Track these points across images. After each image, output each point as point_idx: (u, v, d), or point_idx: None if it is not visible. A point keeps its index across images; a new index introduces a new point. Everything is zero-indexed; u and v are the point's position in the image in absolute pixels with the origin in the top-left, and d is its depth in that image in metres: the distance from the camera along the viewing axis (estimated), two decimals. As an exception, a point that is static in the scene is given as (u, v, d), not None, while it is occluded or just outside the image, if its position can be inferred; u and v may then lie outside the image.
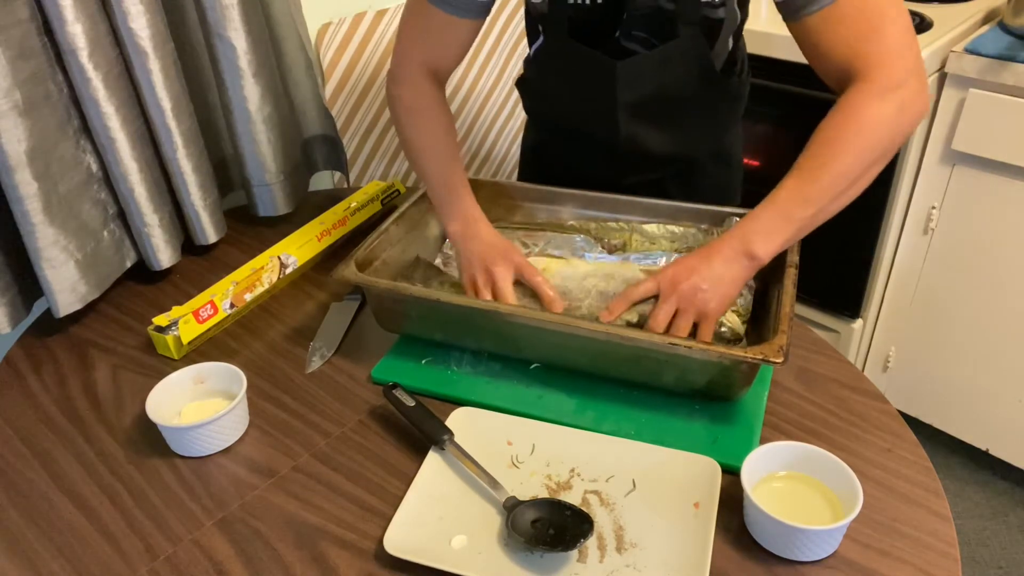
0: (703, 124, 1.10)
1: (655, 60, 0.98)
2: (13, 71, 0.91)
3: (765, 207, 0.83)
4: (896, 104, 0.80)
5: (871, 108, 0.80)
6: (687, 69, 0.99)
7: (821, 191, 0.81)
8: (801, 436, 0.83)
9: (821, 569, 0.70)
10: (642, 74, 0.99)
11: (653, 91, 1.01)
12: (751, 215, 0.84)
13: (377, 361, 0.96)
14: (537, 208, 1.10)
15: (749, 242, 0.82)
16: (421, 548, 0.71)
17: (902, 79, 0.80)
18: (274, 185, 1.26)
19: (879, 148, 0.80)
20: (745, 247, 0.82)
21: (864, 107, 0.80)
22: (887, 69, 0.80)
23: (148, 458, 0.85)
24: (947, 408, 1.80)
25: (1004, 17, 1.53)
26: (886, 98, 0.80)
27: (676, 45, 0.96)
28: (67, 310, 1.03)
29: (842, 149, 0.80)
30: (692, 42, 0.96)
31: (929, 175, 1.60)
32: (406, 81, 1.02)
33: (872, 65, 0.80)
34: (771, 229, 0.82)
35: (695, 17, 0.94)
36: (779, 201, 0.82)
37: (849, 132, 0.80)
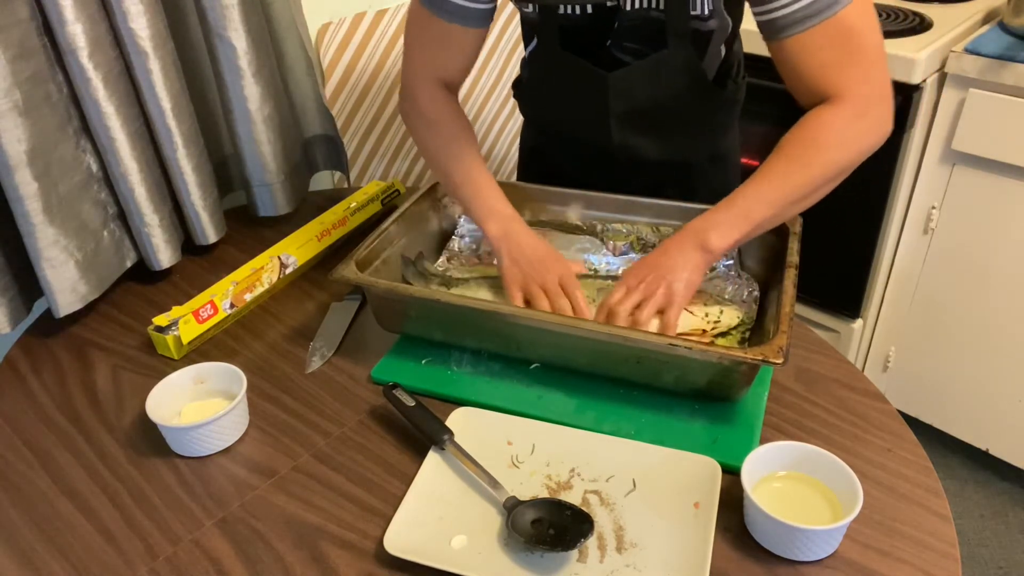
0: (698, 131, 1.11)
1: (646, 70, 0.98)
2: (13, 71, 0.91)
3: (727, 203, 0.87)
4: (864, 127, 0.85)
5: (840, 127, 0.84)
6: (678, 79, 0.99)
7: (782, 196, 0.85)
8: (801, 436, 0.83)
9: (821, 569, 0.70)
10: (633, 85, 1.00)
11: (645, 101, 1.01)
12: (712, 209, 0.88)
13: (377, 361, 0.96)
14: (543, 208, 1.10)
15: (706, 235, 0.86)
16: (421, 548, 0.71)
17: (872, 105, 0.85)
18: (274, 185, 1.26)
19: (842, 164, 0.85)
20: (701, 239, 0.86)
21: (834, 126, 0.84)
22: (859, 96, 0.84)
23: (148, 458, 0.85)
24: (947, 408, 1.80)
25: (1004, 17, 1.53)
26: (855, 121, 0.84)
27: (666, 56, 0.97)
28: (67, 310, 1.03)
29: (809, 161, 0.84)
30: (682, 52, 0.96)
31: (929, 175, 1.60)
32: (420, 95, 1.02)
33: (845, 91, 0.84)
34: (729, 225, 0.86)
35: (684, 28, 0.94)
36: (741, 200, 0.87)
37: (817, 146, 0.84)
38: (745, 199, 0.86)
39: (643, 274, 0.88)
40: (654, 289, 0.86)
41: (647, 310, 0.86)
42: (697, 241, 0.86)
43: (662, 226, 1.04)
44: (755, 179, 0.86)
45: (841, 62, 0.83)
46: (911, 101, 1.49)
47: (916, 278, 1.71)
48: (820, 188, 0.86)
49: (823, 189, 0.86)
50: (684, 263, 0.86)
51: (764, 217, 0.85)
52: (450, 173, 1.01)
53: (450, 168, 1.01)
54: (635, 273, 0.89)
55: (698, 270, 0.87)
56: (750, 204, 0.86)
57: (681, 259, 0.87)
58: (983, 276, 1.61)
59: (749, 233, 0.86)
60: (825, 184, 0.86)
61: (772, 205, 0.85)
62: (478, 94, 1.80)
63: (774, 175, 0.85)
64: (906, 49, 1.46)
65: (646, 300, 0.86)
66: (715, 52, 1.01)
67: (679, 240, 0.88)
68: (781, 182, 0.85)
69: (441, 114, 1.02)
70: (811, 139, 0.85)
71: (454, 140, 1.02)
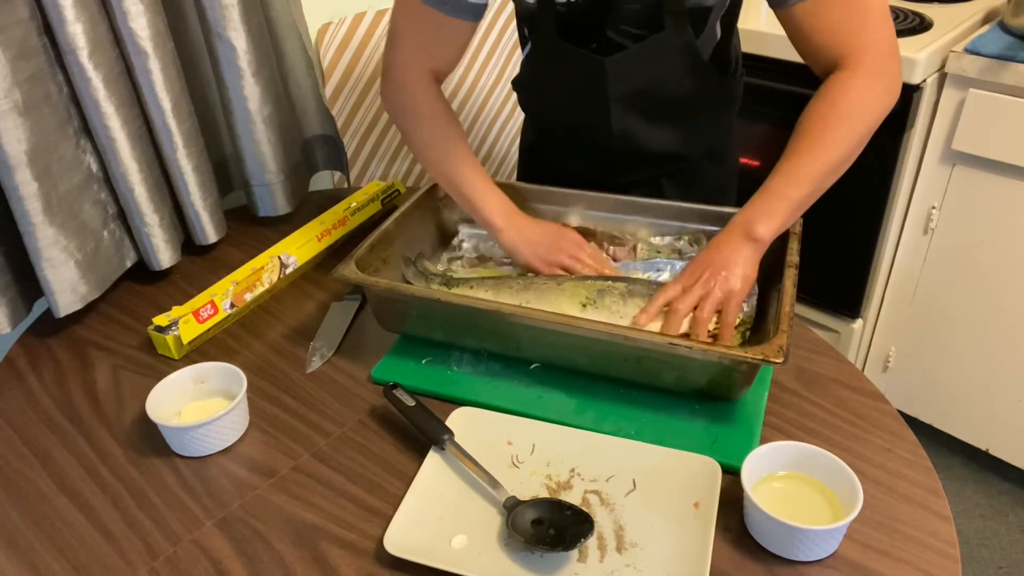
0: (696, 121, 1.11)
1: (643, 53, 0.99)
2: (13, 71, 0.91)
3: (764, 190, 0.88)
4: (880, 88, 0.86)
5: (857, 92, 0.86)
6: (676, 61, 1.00)
7: (814, 171, 0.86)
8: (801, 436, 0.83)
9: (821, 569, 0.70)
10: (631, 68, 1.00)
11: (644, 85, 1.02)
12: (751, 200, 0.89)
13: (377, 361, 0.96)
14: (543, 209, 1.10)
15: (751, 226, 0.87)
16: (421, 548, 0.71)
17: (884, 65, 0.87)
18: (274, 185, 1.26)
19: (864, 128, 0.86)
20: (747, 231, 0.87)
21: (850, 91, 0.86)
22: (871, 56, 0.86)
23: (148, 458, 0.85)
24: (947, 408, 1.80)
25: (1004, 17, 1.53)
26: (870, 83, 0.86)
27: (663, 37, 0.97)
28: (67, 310, 1.03)
29: (832, 131, 0.85)
30: (679, 33, 0.97)
31: (929, 175, 1.60)
32: (415, 88, 1.02)
33: (857, 53, 0.86)
34: (770, 211, 0.86)
35: (681, 8, 0.95)
36: (775, 183, 0.87)
37: (838, 114, 0.85)
38: (780, 183, 0.86)
39: (698, 272, 0.88)
40: (711, 286, 0.86)
41: (707, 308, 0.85)
42: (744, 233, 0.87)
43: (662, 231, 1.04)
44: (785, 160, 0.87)
45: (849, 23, 0.85)
46: (911, 101, 1.49)
47: (916, 278, 1.71)
48: (849, 156, 0.86)
49: (852, 156, 0.87)
50: (736, 258, 0.86)
51: (802, 196, 0.86)
52: (448, 172, 1.02)
53: (447, 166, 1.02)
54: (691, 272, 0.88)
55: (750, 263, 0.87)
56: (786, 187, 0.86)
57: (733, 254, 0.87)
58: (983, 276, 1.61)
59: (792, 215, 0.87)
60: (853, 152, 0.86)
61: (808, 183, 0.85)
62: (477, 94, 1.80)
63: (803, 153, 0.86)
64: (906, 49, 1.46)
65: (704, 298, 0.86)
66: (711, 32, 1.01)
67: (727, 235, 0.88)
68: (811, 158, 0.85)
69: (439, 111, 1.03)
70: (832, 111, 0.86)
71: (452, 139, 1.02)
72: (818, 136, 0.86)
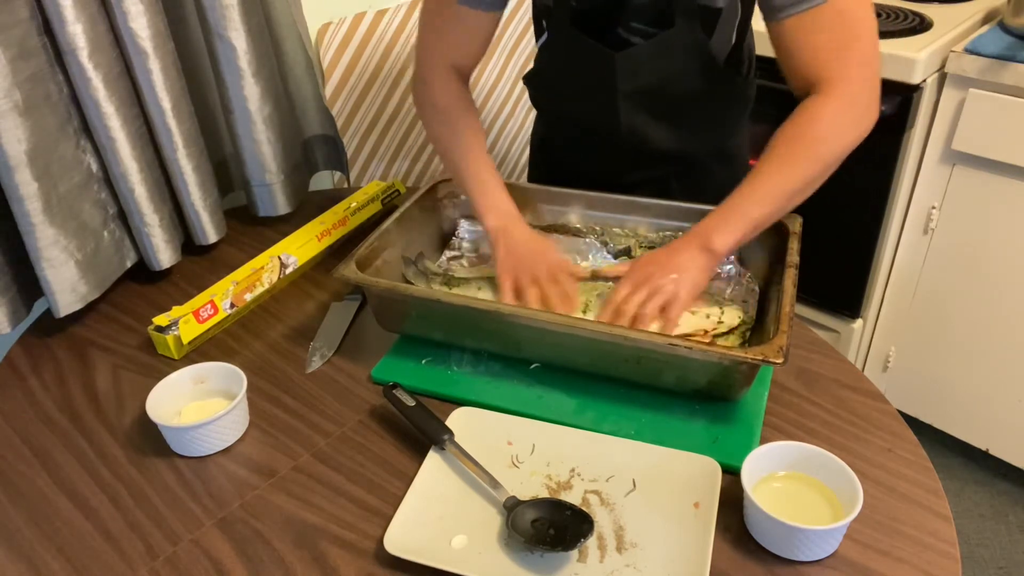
0: (706, 122, 1.11)
1: (653, 50, 0.99)
2: (13, 71, 0.91)
3: (726, 205, 0.89)
4: (853, 117, 0.86)
5: (830, 119, 0.86)
6: (686, 60, 1.00)
7: (778, 193, 0.87)
8: (801, 436, 0.83)
9: (821, 569, 0.70)
10: (641, 64, 1.00)
11: (653, 82, 1.02)
12: (713, 211, 0.89)
13: (377, 361, 0.96)
14: (544, 209, 1.10)
15: (709, 237, 0.87)
16: (421, 548, 0.71)
17: (861, 94, 0.87)
18: (274, 185, 1.26)
19: (832, 156, 0.86)
20: (705, 242, 0.88)
21: (824, 117, 0.86)
22: (850, 84, 0.86)
23: (148, 458, 0.85)
24: (947, 408, 1.80)
25: (1004, 17, 1.53)
26: (844, 111, 0.86)
27: (673, 34, 0.97)
28: (67, 310, 1.03)
29: (802, 155, 0.86)
30: (689, 31, 0.97)
31: (929, 175, 1.60)
32: (434, 82, 1.04)
33: (836, 78, 0.86)
34: (729, 225, 0.87)
35: (692, 6, 0.95)
36: (738, 199, 0.88)
37: (808, 139, 0.86)
38: (742, 199, 0.88)
39: (649, 271, 0.88)
40: (659, 286, 0.87)
41: (651, 305, 0.86)
42: (701, 243, 0.88)
43: (663, 230, 1.04)
44: (750, 179, 0.88)
45: (834, 47, 0.85)
46: (911, 101, 1.49)
47: (916, 278, 1.71)
48: (814, 181, 0.87)
49: (817, 181, 0.87)
50: (690, 264, 0.87)
51: (762, 215, 0.87)
52: (459, 167, 1.03)
53: (459, 162, 1.03)
54: (641, 269, 0.89)
55: (703, 271, 0.88)
56: (747, 204, 0.87)
57: (688, 260, 0.88)
58: (983, 276, 1.61)
59: (749, 232, 0.88)
60: (819, 177, 0.87)
61: (769, 203, 0.87)
62: (479, 92, 1.80)
63: (769, 173, 0.87)
64: (906, 49, 1.46)
65: (651, 296, 0.87)
66: (724, 36, 1.01)
67: (685, 242, 0.89)
68: (776, 180, 0.87)
69: (453, 104, 1.04)
70: (801, 134, 0.86)
71: (464, 133, 1.03)
72: (785, 158, 0.86)
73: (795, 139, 0.87)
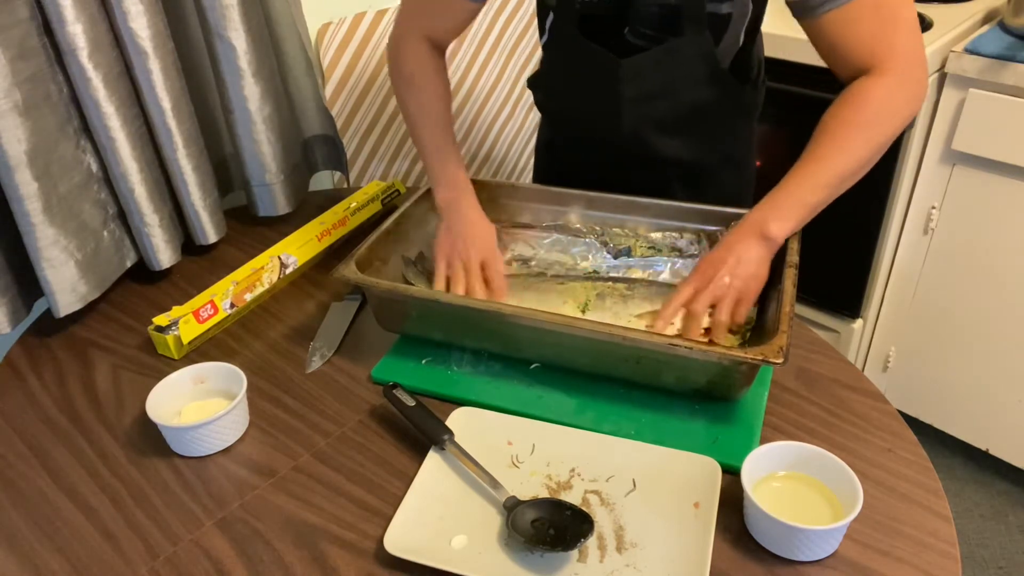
0: (713, 129, 1.09)
1: (659, 57, 0.98)
2: (13, 71, 0.91)
3: (780, 190, 0.87)
4: (904, 95, 0.86)
5: (881, 98, 0.85)
6: (693, 68, 0.99)
7: (832, 176, 0.85)
8: (801, 436, 0.83)
9: (821, 569, 0.70)
10: (646, 71, 0.99)
11: (658, 89, 1.01)
12: (766, 198, 0.88)
13: (377, 361, 0.96)
14: (543, 209, 1.10)
15: (765, 225, 0.86)
16: (421, 548, 0.71)
17: (910, 73, 0.86)
18: (274, 185, 1.26)
19: (885, 136, 0.85)
20: (761, 230, 0.86)
21: (874, 97, 0.85)
22: (898, 64, 0.85)
23: (148, 458, 0.85)
24: (947, 408, 1.80)
25: (1004, 17, 1.53)
26: (895, 90, 0.85)
27: (680, 43, 0.96)
28: (67, 310, 1.03)
29: (853, 136, 0.85)
30: (697, 39, 0.96)
31: (929, 175, 1.60)
32: (406, 48, 1.05)
33: (885, 61, 0.85)
34: (785, 211, 0.86)
35: (700, 14, 0.94)
36: (792, 185, 0.86)
37: (861, 119, 0.85)
38: (799, 184, 0.86)
39: (710, 272, 0.86)
40: (726, 287, 0.85)
41: (724, 309, 0.85)
42: (758, 232, 0.86)
43: (663, 229, 1.04)
44: (805, 162, 0.86)
45: (878, 33, 0.84)
46: (911, 101, 1.49)
47: (916, 278, 1.71)
48: (869, 162, 0.86)
49: (871, 162, 0.86)
50: (749, 257, 0.86)
51: (819, 200, 0.86)
52: (418, 135, 1.05)
53: (419, 129, 1.04)
54: (702, 272, 0.87)
55: (764, 262, 0.86)
56: (802, 190, 0.86)
57: (746, 253, 0.86)
58: (983, 276, 1.61)
59: (806, 217, 0.87)
60: (872, 158, 0.86)
61: (825, 187, 0.85)
62: (477, 95, 1.80)
63: (824, 156, 0.85)
64: (906, 49, 1.46)
65: (719, 299, 0.85)
66: (732, 40, 0.99)
67: (740, 234, 0.87)
68: (831, 163, 0.85)
69: (420, 70, 1.04)
70: (854, 116, 0.85)
71: (427, 100, 1.04)
72: (839, 141, 0.85)
73: (848, 121, 0.85)
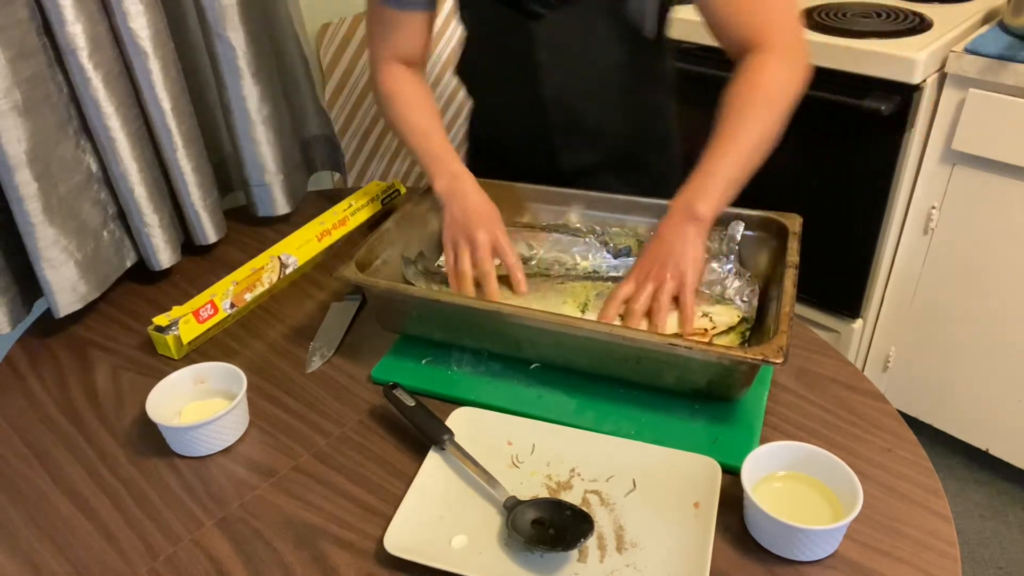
0: (631, 97, 1.12)
1: (567, 18, 1.01)
2: (13, 71, 0.91)
3: (700, 172, 0.90)
4: (792, 71, 0.92)
5: (773, 75, 0.91)
6: (602, 27, 1.02)
7: (746, 151, 0.90)
8: (801, 436, 0.83)
9: (821, 569, 0.70)
10: (556, 32, 1.02)
11: (572, 50, 1.04)
12: (688, 181, 0.91)
13: (377, 361, 0.96)
14: (543, 209, 1.10)
15: (691, 206, 0.88)
16: (421, 548, 0.71)
17: (793, 45, 0.92)
18: (274, 185, 1.27)
19: (783, 108, 0.91)
20: (689, 212, 0.89)
21: (767, 74, 0.91)
22: (780, 38, 0.92)
23: (148, 458, 0.85)
24: (947, 408, 1.80)
25: (1004, 17, 1.53)
26: (783, 65, 0.91)
27: (585, 3, 0.99)
28: (67, 310, 1.03)
29: (755, 113, 0.90)
30: None
31: (929, 175, 1.60)
32: (381, 73, 1.08)
33: (767, 36, 0.91)
34: (707, 190, 0.89)
35: None
36: (709, 163, 0.90)
37: (758, 97, 0.90)
38: (716, 163, 0.89)
39: (648, 266, 0.89)
40: (664, 276, 0.87)
41: (664, 298, 0.86)
42: (686, 215, 0.88)
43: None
44: (717, 141, 0.90)
45: (759, 12, 0.92)
46: (911, 101, 1.49)
47: (916, 278, 1.71)
48: (772, 135, 0.90)
49: (775, 134, 0.91)
50: (683, 241, 0.88)
51: (734, 174, 0.89)
52: (409, 143, 1.06)
53: (409, 138, 1.06)
54: (641, 267, 0.90)
55: (698, 242, 0.88)
56: (720, 165, 0.89)
57: (679, 238, 0.88)
58: (983, 276, 1.61)
59: (727, 192, 0.89)
60: (775, 130, 0.91)
61: (740, 162, 0.89)
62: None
63: (733, 133, 0.90)
64: (906, 49, 1.46)
65: (659, 289, 0.87)
66: (638, 8, 1.02)
67: (669, 222, 0.90)
68: (742, 139, 0.89)
69: (398, 89, 1.07)
70: (752, 93, 0.91)
71: (410, 110, 1.07)
72: (744, 116, 0.90)
73: (747, 98, 0.90)
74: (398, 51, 1.07)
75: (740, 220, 0.99)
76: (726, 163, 0.89)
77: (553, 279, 0.99)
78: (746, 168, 0.89)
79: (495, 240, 0.96)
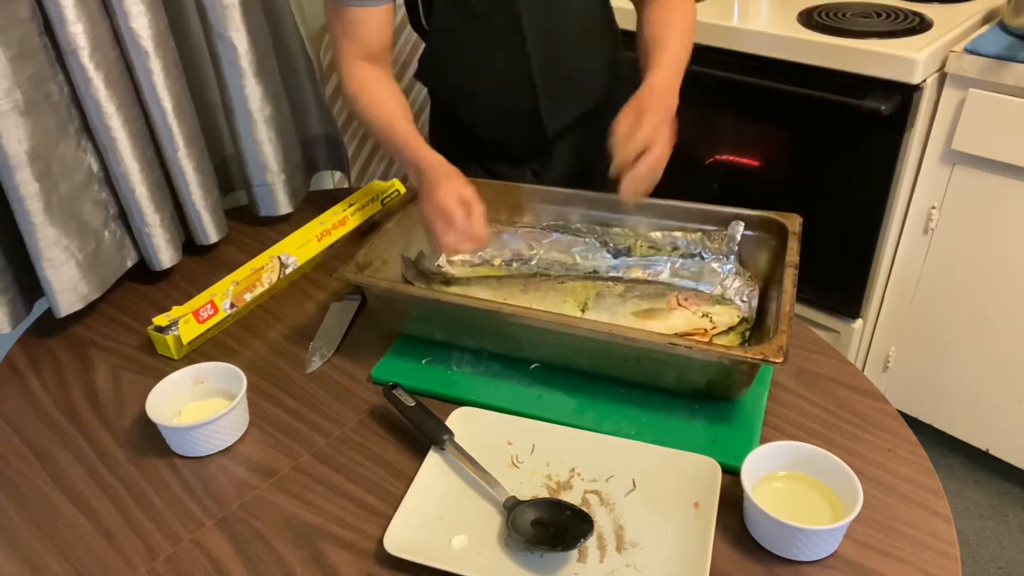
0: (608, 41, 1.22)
1: None
2: (14, 71, 0.91)
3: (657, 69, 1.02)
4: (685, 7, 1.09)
5: (677, 16, 1.07)
6: None
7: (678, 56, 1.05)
8: (801, 436, 0.83)
9: (821, 569, 0.70)
10: None
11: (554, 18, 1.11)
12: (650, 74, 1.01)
13: (377, 361, 0.96)
14: (543, 209, 1.10)
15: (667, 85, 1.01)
16: (421, 548, 0.71)
17: None
18: (275, 185, 1.27)
19: (693, 21, 1.10)
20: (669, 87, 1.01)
21: (674, 12, 1.08)
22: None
23: (148, 458, 0.85)
24: (947, 408, 1.80)
25: (1004, 17, 1.53)
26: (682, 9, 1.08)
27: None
28: (68, 310, 1.03)
29: (678, 29, 1.06)
30: None
31: (929, 175, 1.60)
32: (345, 73, 1.09)
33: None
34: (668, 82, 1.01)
35: None
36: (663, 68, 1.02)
37: (675, 17, 1.07)
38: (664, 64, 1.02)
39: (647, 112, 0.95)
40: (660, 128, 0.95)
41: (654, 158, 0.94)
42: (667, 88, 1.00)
43: (663, 229, 1.04)
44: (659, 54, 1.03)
45: None
46: (911, 101, 1.49)
47: (916, 278, 1.71)
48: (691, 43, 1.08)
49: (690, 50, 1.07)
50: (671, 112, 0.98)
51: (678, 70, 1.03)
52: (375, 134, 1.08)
53: (374, 130, 1.07)
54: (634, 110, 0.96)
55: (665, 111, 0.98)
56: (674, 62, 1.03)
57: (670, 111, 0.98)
58: (983, 276, 1.61)
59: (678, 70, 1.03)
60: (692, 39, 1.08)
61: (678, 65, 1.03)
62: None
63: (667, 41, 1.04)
64: (906, 49, 1.46)
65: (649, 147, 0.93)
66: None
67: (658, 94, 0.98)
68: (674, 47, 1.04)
69: (362, 88, 1.08)
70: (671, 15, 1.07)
71: (377, 109, 1.07)
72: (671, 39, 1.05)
73: (670, 21, 1.06)
74: (363, 49, 1.07)
75: (740, 220, 0.99)
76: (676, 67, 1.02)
77: (553, 279, 0.99)
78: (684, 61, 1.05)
79: (458, 193, 0.96)
